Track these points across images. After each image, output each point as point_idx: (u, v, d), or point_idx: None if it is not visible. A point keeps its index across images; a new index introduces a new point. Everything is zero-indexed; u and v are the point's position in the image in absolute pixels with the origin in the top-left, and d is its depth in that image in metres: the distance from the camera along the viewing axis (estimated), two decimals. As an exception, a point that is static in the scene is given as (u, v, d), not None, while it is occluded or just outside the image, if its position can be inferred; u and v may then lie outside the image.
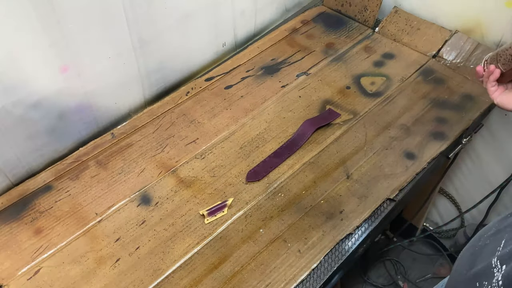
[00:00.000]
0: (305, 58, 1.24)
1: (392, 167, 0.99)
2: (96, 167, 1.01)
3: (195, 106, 1.13)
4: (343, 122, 1.09)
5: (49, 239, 0.89)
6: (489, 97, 0.86)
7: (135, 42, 1.03)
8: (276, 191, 0.96)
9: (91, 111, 1.05)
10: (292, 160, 1.01)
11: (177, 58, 1.17)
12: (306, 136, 1.05)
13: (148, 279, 0.84)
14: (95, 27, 0.94)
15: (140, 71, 1.09)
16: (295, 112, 1.11)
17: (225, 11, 1.20)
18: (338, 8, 1.37)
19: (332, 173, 0.99)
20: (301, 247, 0.87)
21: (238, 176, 0.98)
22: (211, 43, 1.24)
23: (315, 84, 1.18)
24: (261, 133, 1.07)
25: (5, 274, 0.84)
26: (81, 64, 0.96)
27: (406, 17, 1.28)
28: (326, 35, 1.31)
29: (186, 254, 0.87)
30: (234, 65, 1.23)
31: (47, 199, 0.95)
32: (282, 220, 0.91)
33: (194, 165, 1.01)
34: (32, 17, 0.82)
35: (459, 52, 1.20)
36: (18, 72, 0.87)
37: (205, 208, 0.93)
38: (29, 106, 0.92)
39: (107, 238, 0.89)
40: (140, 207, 0.94)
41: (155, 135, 1.07)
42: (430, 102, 1.12)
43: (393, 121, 1.08)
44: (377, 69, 1.20)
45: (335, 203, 0.93)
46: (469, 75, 1.17)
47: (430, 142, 1.04)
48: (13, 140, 0.94)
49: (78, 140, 1.07)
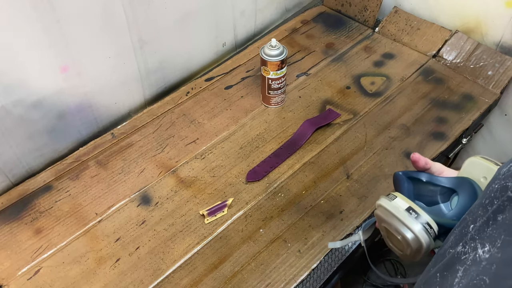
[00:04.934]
0: (305, 58, 1.24)
1: (392, 167, 0.99)
2: (96, 167, 1.01)
3: (195, 106, 1.13)
4: (343, 122, 1.09)
5: (49, 239, 0.89)
6: (489, 97, 0.86)
7: (135, 42, 1.03)
8: (276, 191, 0.96)
9: (91, 111, 1.05)
10: (292, 160, 1.01)
11: (177, 58, 1.17)
12: (306, 136, 1.05)
13: (148, 279, 0.84)
14: (95, 27, 0.94)
15: (140, 71, 1.09)
16: (295, 112, 1.11)
17: (225, 11, 1.20)
18: (338, 8, 1.37)
19: (332, 173, 0.99)
20: (301, 247, 0.87)
21: (238, 176, 0.98)
22: (211, 43, 1.24)
23: (315, 84, 1.17)
24: (261, 133, 1.07)
25: (5, 274, 0.84)
26: (81, 64, 0.96)
27: (406, 17, 1.28)
28: (326, 35, 1.30)
29: (186, 254, 0.87)
30: (234, 65, 1.23)
31: (47, 199, 0.95)
32: (282, 220, 0.91)
33: (194, 165, 1.01)
34: (32, 17, 0.82)
35: (459, 52, 1.20)
36: (18, 72, 0.87)
37: (205, 208, 0.93)
38: (29, 106, 0.92)
39: (107, 238, 0.89)
40: (140, 207, 0.94)
41: (155, 135, 1.07)
42: (430, 102, 1.12)
43: (393, 121, 1.08)
44: (377, 69, 1.20)
45: (335, 203, 0.93)
46: (469, 75, 1.17)
47: (430, 142, 1.04)
48: (13, 140, 0.94)
49: (78, 140, 1.07)
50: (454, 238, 0.45)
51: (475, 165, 0.60)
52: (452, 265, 0.42)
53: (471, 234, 0.41)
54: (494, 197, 0.40)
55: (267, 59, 1.02)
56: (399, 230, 0.58)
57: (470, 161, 0.61)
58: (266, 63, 1.03)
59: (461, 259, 0.41)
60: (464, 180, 0.60)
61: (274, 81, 1.06)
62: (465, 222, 0.44)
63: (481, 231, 0.40)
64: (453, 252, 0.43)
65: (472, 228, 0.42)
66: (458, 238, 0.44)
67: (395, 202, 0.59)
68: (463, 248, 0.42)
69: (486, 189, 0.43)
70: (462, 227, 0.44)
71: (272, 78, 1.05)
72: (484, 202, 0.42)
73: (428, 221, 0.56)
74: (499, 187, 0.40)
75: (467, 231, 0.42)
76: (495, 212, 0.39)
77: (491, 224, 0.39)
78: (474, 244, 0.40)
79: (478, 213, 0.42)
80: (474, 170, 0.60)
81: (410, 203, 0.58)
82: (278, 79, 1.06)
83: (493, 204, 0.40)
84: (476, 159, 0.60)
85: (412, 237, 0.56)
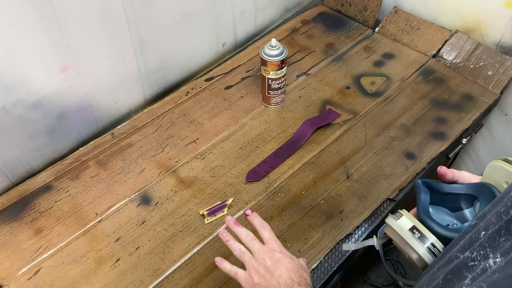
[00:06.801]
0: (305, 58, 1.24)
1: (392, 167, 0.99)
2: (96, 167, 1.01)
3: (195, 106, 1.13)
4: (343, 122, 1.09)
5: (49, 239, 0.89)
6: (489, 97, 0.86)
7: (135, 42, 1.03)
8: (276, 191, 0.96)
9: (91, 111, 1.05)
10: (292, 160, 1.01)
11: (177, 58, 1.17)
12: (306, 136, 1.05)
13: (148, 279, 0.84)
14: (95, 27, 0.94)
15: (140, 71, 1.09)
16: (295, 112, 1.11)
17: (225, 11, 1.20)
18: (338, 8, 1.37)
19: (332, 173, 0.99)
20: (301, 247, 0.87)
21: (238, 176, 0.98)
22: (211, 43, 1.24)
23: (315, 84, 1.17)
24: (261, 133, 1.07)
25: (5, 274, 0.84)
26: (81, 64, 0.96)
27: (406, 17, 1.28)
28: (326, 35, 1.30)
29: (186, 254, 0.87)
30: (234, 65, 1.23)
31: (47, 199, 0.95)
32: (282, 220, 0.91)
33: (194, 165, 1.01)
34: (32, 17, 0.82)
35: (459, 52, 1.20)
36: (18, 72, 0.87)
37: (205, 208, 0.93)
38: (29, 106, 0.92)
39: (107, 238, 0.89)
40: (140, 207, 0.94)
41: (155, 135, 1.07)
42: (430, 102, 1.12)
43: (393, 121, 1.08)
44: (377, 69, 1.20)
45: (335, 203, 0.93)
46: (469, 75, 1.17)
47: (430, 142, 1.04)
48: (13, 140, 0.94)
49: (78, 140, 1.07)
50: (463, 243, 0.44)
51: (495, 169, 0.59)
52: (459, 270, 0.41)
53: (480, 241, 0.40)
54: (511, 206, 0.39)
55: (267, 59, 1.02)
56: (404, 250, 0.58)
57: (491, 165, 0.59)
58: (266, 63, 1.03)
59: (468, 265, 0.40)
60: (483, 186, 0.59)
61: (274, 81, 1.06)
62: (477, 227, 0.43)
63: (492, 239, 0.39)
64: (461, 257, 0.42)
65: (483, 235, 0.41)
66: (468, 243, 0.43)
67: (400, 221, 0.58)
68: (471, 254, 0.41)
69: (503, 196, 0.41)
70: (473, 233, 0.43)
71: (272, 78, 1.05)
72: (499, 210, 0.40)
73: (433, 242, 0.55)
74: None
75: (478, 237, 0.41)
76: (509, 222, 0.38)
77: (504, 234, 0.38)
78: (485, 252, 0.39)
79: (492, 220, 0.41)
80: (495, 174, 0.59)
81: (415, 222, 0.58)
82: (278, 79, 1.06)
83: (508, 213, 0.39)
84: (497, 162, 0.58)
85: (417, 258, 0.56)
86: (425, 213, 0.58)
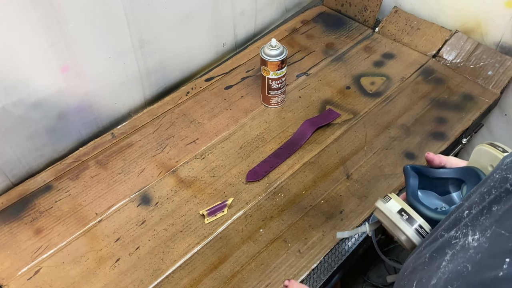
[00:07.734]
0: (305, 58, 1.24)
1: (392, 167, 0.99)
2: (96, 167, 1.01)
3: (195, 106, 1.13)
4: (343, 122, 1.09)
5: (49, 239, 0.89)
6: (489, 97, 0.86)
7: (135, 42, 1.03)
8: (276, 191, 0.96)
9: (91, 111, 1.05)
10: (292, 160, 1.01)
11: (177, 58, 1.17)
12: (306, 136, 1.05)
13: (148, 279, 0.84)
14: (95, 27, 0.94)
15: (140, 71, 1.09)
16: (295, 112, 1.11)
17: (225, 11, 1.20)
18: (338, 8, 1.37)
19: (332, 173, 0.99)
20: (301, 247, 0.87)
21: (238, 176, 0.98)
22: (211, 43, 1.24)
23: (315, 84, 1.18)
24: (261, 133, 1.07)
25: (5, 274, 0.84)
26: (81, 64, 0.96)
27: (406, 17, 1.28)
28: (326, 35, 1.31)
29: (186, 254, 0.87)
30: (234, 65, 1.23)
31: (47, 199, 0.95)
32: (282, 220, 0.91)
33: (194, 165, 1.01)
34: (32, 17, 0.82)
35: (459, 52, 1.20)
36: (18, 72, 0.87)
37: (205, 208, 0.93)
38: (29, 106, 0.92)
39: (107, 238, 0.89)
40: (140, 207, 0.94)
41: (155, 135, 1.07)
42: (430, 102, 1.12)
43: (393, 121, 1.08)
44: (377, 69, 1.20)
45: (335, 203, 0.93)
46: (469, 75, 1.17)
47: (430, 142, 1.04)
48: (13, 140, 0.94)
49: (78, 140, 1.07)
50: (448, 223, 0.45)
51: (481, 153, 0.60)
52: (442, 248, 0.43)
53: (465, 221, 0.42)
54: (493, 187, 0.40)
55: (267, 59, 1.02)
56: (393, 232, 0.59)
57: (477, 149, 0.61)
58: (266, 63, 1.03)
59: (451, 243, 0.41)
60: (470, 169, 0.61)
61: (274, 81, 1.06)
62: (461, 208, 0.44)
63: (475, 219, 0.40)
64: (445, 236, 0.44)
65: (466, 215, 0.42)
66: (452, 223, 0.44)
67: (389, 204, 0.60)
68: (455, 233, 0.42)
69: (487, 178, 0.42)
70: (458, 213, 0.44)
71: (272, 78, 1.05)
72: (482, 191, 0.41)
73: (420, 223, 0.57)
74: (499, 177, 0.40)
75: (462, 217, 0.43)
76: (491, 202, 0.39)
77: (485, 213, 0.39)
78: (466, 231, 0.40)
79: (475, 200, 0.42)
80: (481, 158, 0.61)
81: (403, 205, 0.59)
82: (278, 79, 1.06)
83: (490, 194, 0.40)
84: (483, 147, 0.60)
85: (405, 239, 0.58)
86: (413, 196, 0.60)
